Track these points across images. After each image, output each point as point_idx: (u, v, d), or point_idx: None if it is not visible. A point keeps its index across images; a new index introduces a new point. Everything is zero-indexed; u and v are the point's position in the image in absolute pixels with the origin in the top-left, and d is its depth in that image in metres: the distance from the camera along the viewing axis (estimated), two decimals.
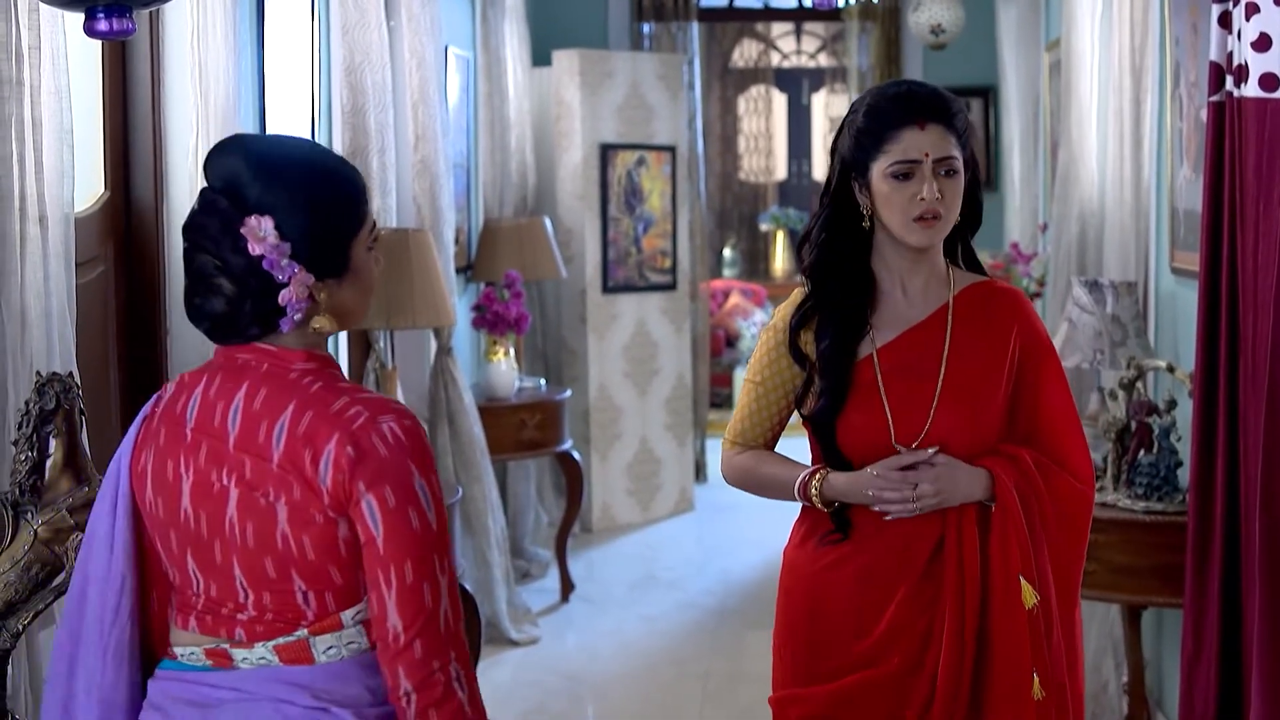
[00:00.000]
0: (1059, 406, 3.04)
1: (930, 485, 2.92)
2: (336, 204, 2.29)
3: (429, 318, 4.99)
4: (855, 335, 3.03)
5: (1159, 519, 4.52)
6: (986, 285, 3.10)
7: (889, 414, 2.98)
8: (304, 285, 2.24)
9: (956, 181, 2.97)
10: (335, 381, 2.27)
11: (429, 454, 2.22)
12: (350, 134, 5.35)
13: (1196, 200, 4.47)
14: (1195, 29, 4.66)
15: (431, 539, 2.19)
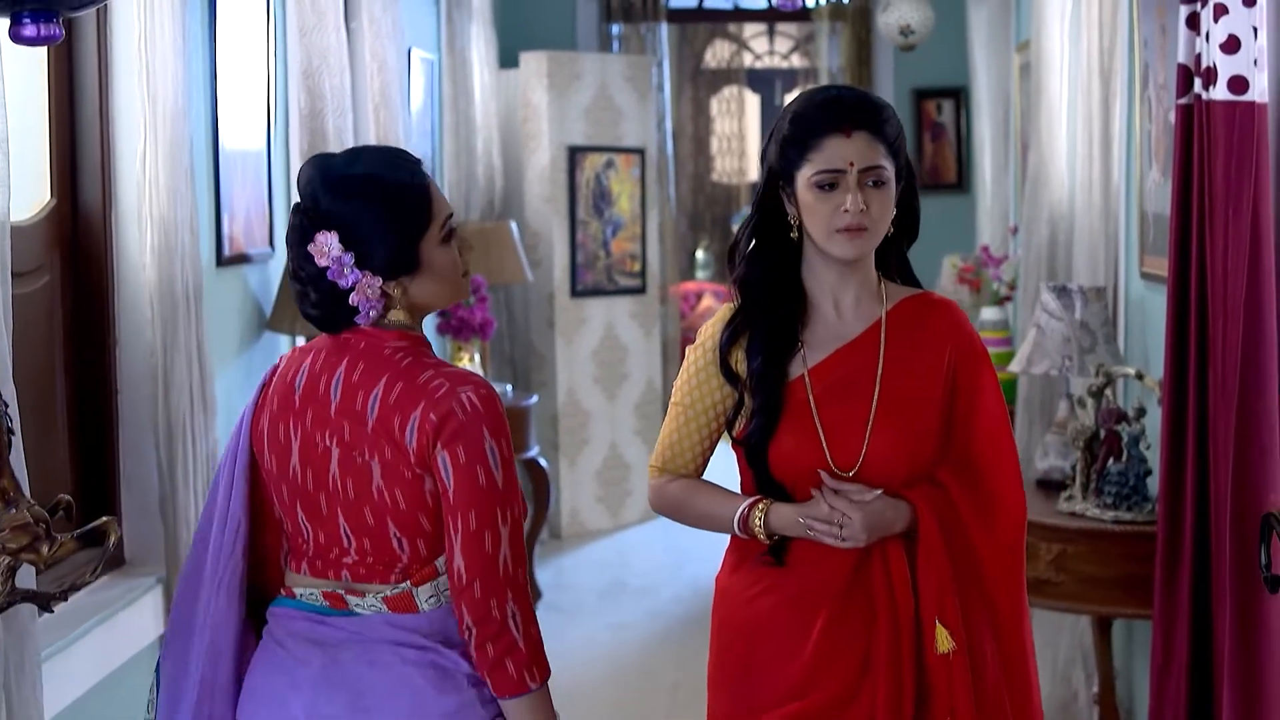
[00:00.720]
0: (991, 428, 2.91)
1: (861, 530, 2.80)
2: (398, 210, 2.56)
3: None
4: (786, 353, 2.90)
5: (1128, 529, 4.46)
6: (920, 299, 2.97)
7: (823, 437, 2.85)
8: (372, 288, 2.55)
9: (885, 192, 2.85)
10: (422, 358, 2.57)
11: (501, 419, 2.53)
12: (308, 138, 5.26)
13: (1166, 204, 4.39)
14: (1164, 30, 4.60)
15: (496, 494, 2.49)
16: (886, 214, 2.86)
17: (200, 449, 4.02)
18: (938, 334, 2.90)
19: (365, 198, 2.55)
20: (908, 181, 2.91)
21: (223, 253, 4.53)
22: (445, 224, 2.63)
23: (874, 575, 2.84)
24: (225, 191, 4.54)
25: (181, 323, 3.95)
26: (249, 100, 4.78)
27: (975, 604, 2.85)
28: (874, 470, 2.85)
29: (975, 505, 2.86)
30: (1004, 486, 2.90)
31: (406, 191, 2.59)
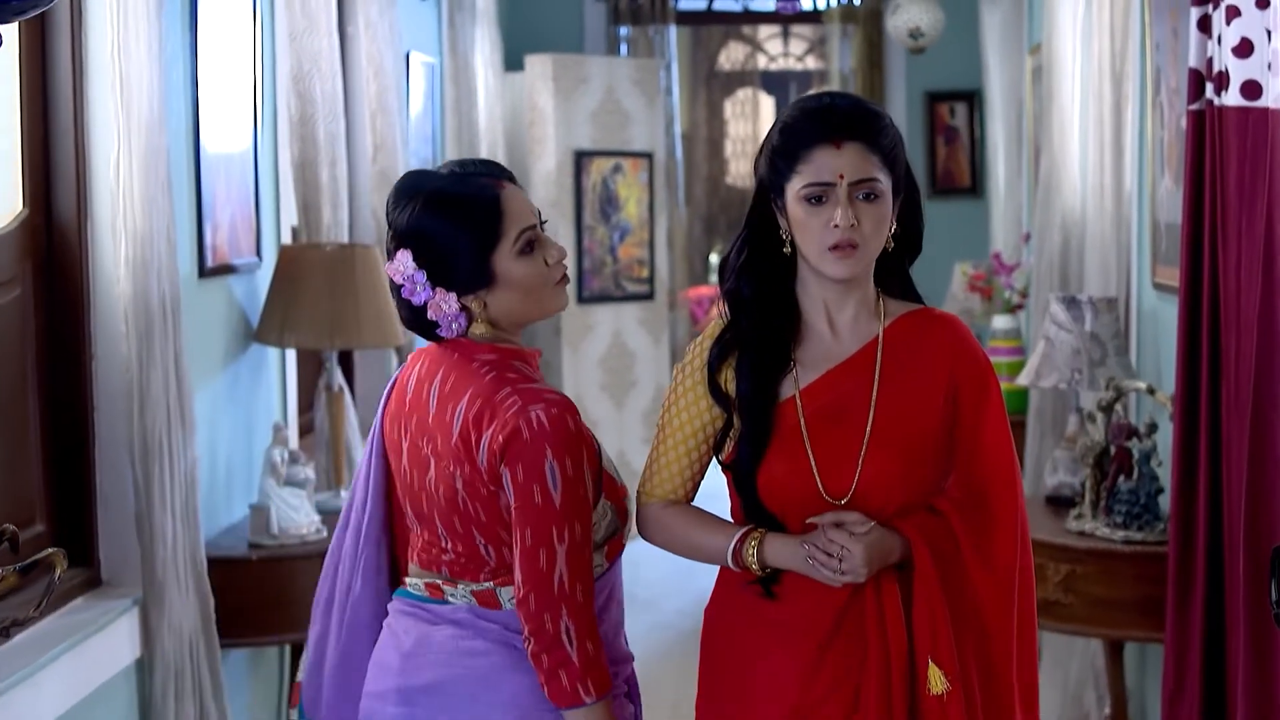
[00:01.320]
0: (995, 455, 2.74)
1: (862, 564, 2.63)
2: (464, 225, 2.57)
3: (375, 338, 4.78)
4: (777, 373, 2.74)
5: (1139, 549, 4.34)
6: (920, 315, 2.78)
7: (814, 464, 2.69)
8: (447, 304, 2.60)
9: (878, 206, 2.67)
10: (505, 373, 2.61)
11: (569, 438, 2.55)
12: (299, 145, 5.15)
13: (1178, 212, 4.37)
14: (1176, 33, 4.48)
15: (552, 513, 2.53)
16: (880, 229, 2.69)
17: (178, 467, 3.90)
18: (938, 353, 2.73)
19: (431, 213, 2.58)
20: (908, 194, 2.75)
21: (205, 263, 4.41)
22: (520, 236, 2.62)
23: (866, 610, 2.68)
24: (207, 201, 4.42)
25: (158, 337, 3.85)
26: (234, 107, 4.65)
27: (970, 643, 2.69)
28: (868, 498, 2.68)
29: (975, 537, 2.70)
30: (1006, 519, 2.73)
31: (474, 205, 2.59)
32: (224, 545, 4.40)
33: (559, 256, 2.68)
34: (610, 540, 2.73)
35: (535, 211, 2.69)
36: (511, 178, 2.67)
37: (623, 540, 2.77)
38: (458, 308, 2.61)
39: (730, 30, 15.52)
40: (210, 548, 4.31)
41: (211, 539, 4.43)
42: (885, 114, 2.73)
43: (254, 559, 4.31)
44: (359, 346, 4.84)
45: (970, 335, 2.80)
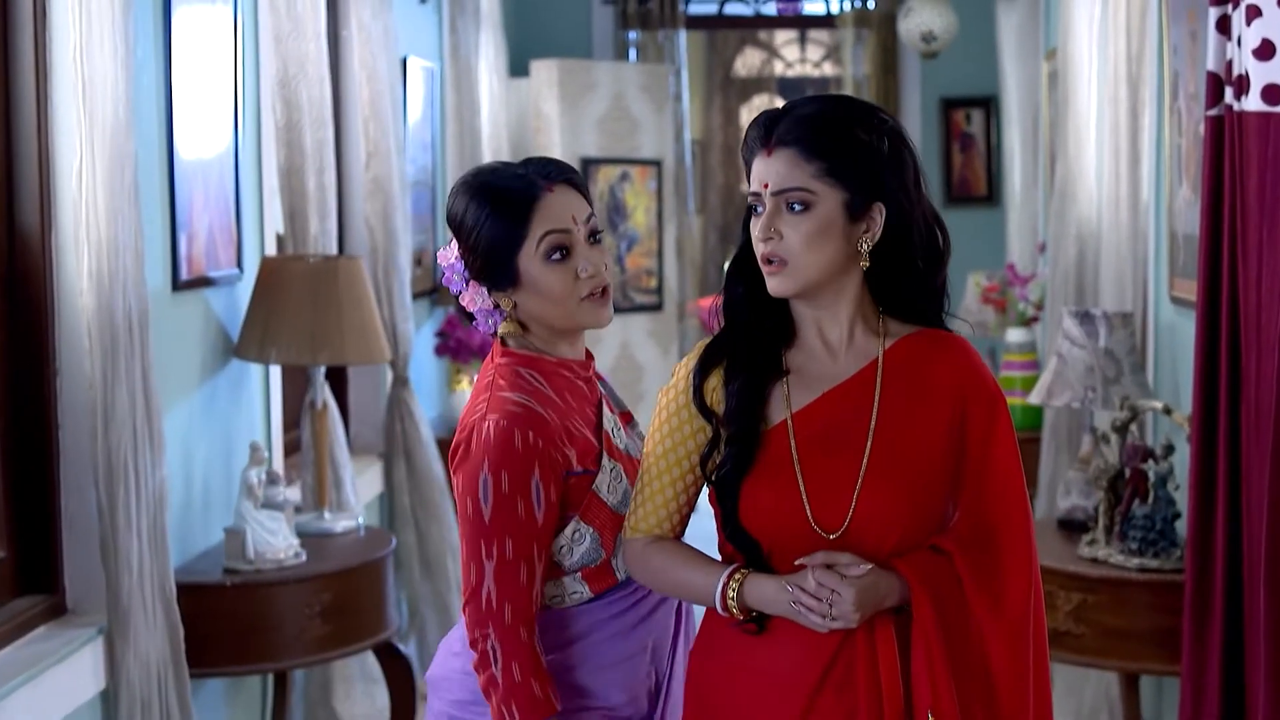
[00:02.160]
0: (1004, 491, 2.52)
1: (853, 609, 2.41)
2: (493, 218, 2.55)
3: (359, 353, 4.60)
4: (767, 379, 2.52)
5: (1154, 577, 4.18)
6: (925, 336, 2.56)
7: (805, 494, 2.47)
8: (479, 297, 2.61)
9: (807, 219, 2.44)
10: (499, 377, 2.59)
11: (509, 453, 2.50)
12: (285, 152, 4.98)
13: (1197, 223, 4.22)
14: (1194, 36, 4.33)
15: (481, 527, 2.50)
16: (814, 244, 2.44)
17: (145, 488, 3.73)
18: (944, 377, 2.51)
19: (467, 202, 2.58)
20: (896, 209, 2.49)
21: (179, 275, 4.23)
22: (545, 239, 2.58)
23: (858, 658, 2.47)
24: (182, 210, 4.25)
25: (123, 353, 3.68)
26: (212, 112, 4.48)
27: (975, 695, 2.47)
28: (863, 535, 2.46)
29: (982, 579, 2.47)
30: (1017, 560, 2.51)
31: (506, 199, 2.57)
32: (198, 570, 4.23)
33: (592, 271, 2.61)
34: (590, 569, 2.62)
35: (582, 220, 2.62)
36: (574, 182, 2.63)
37: (613, 573, 2.64)
38: (491, 304, 2.61)
39: (747, 36, 15.40)
40: (183, 573, 4.15)
41: (186, 564, 4.26)
42: (841, 121, 2.45)
43: (228, 585, 4.14)
44: (342, 362, 4.67)
45: (980, 360, 2.58)
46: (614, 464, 2.64)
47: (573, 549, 2.60)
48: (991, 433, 2.51)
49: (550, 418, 2.57)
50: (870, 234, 2.47)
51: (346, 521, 4.70)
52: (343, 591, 4.30)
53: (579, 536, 2.60)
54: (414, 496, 6.01)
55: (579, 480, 2.60)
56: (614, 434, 2.69)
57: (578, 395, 2.68)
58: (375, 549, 4.52)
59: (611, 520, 2.62)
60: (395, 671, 4.65)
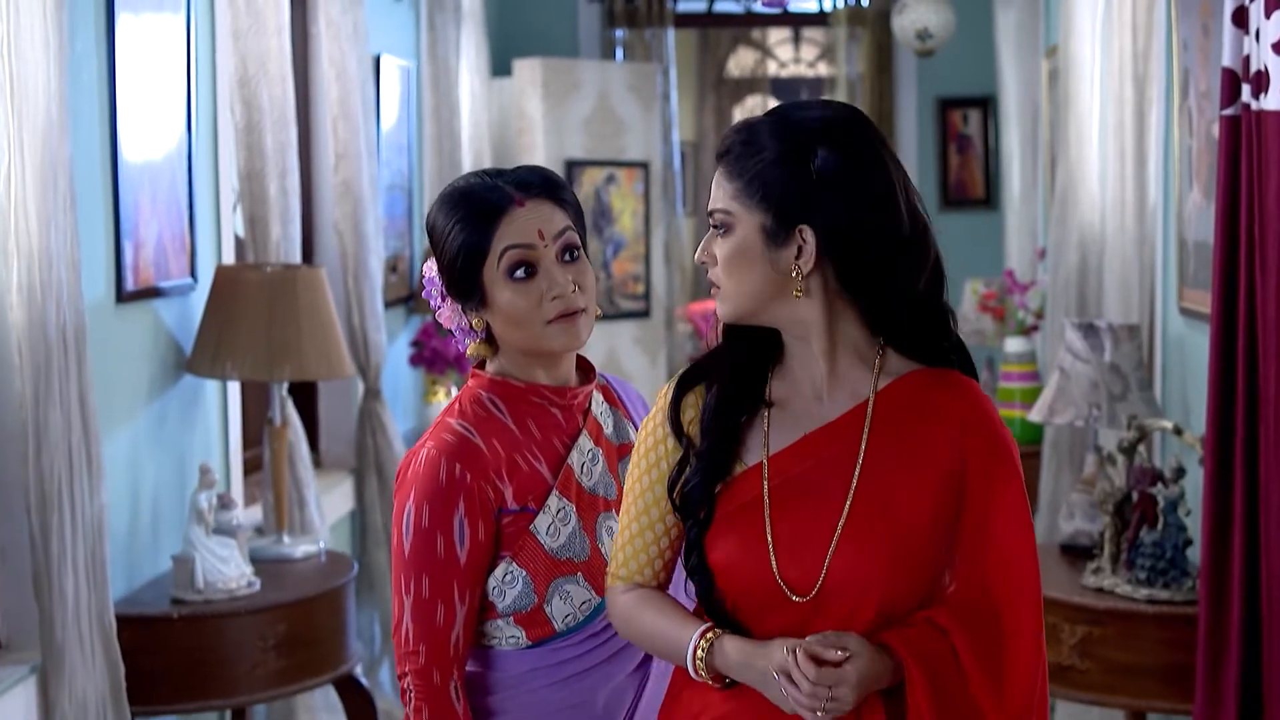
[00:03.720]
0: (1009, 558, 2.24)
1: (851, 689, 2.14)
2: (456, 232, 2.42)
3: (319, 368, 4.35)
4: (745, 411, 2.29)
5: (1164, 610, 3.96)
6: (926, 376, 2.28)
7: (771, 550, 2.22)
8: (454, 314, 2.49)
9: (725, 242, 2.22)
10: (459, 401, 2.49)
11: (434, 485, 2.38)
12: (245, 155, 4.73)
13: (1209, 230, 4.19)
14: (1206, 30, 4.14)
15: (401, 560, 2.40)
16: (731, 269, 2.22)
17: (82, 516, 3.49)
18: (942, 424, 2.24)
19: (437, 212, 2.47)
20: (839, 231, 2.19)
21: (124, 287, 3.98)
22: (504, 255, 2.42)
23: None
24: (127, 217, 3.99)
25: (57, 371, 3.44)
26: (163, 112, 4.22)
27: None
28: (836, 600, 2.20)
29: (983, 662, 2.20)
30: (1024, 639, 2.23)
31: (471, 210, 2.43)
32: (144, 601, 3.98)
33: (558, 291, 2.43)
34: (522, 614, 2.43)
35: (552, 235, 2.43)
36: (556, 196, 2.45)
37: (548, 621, 2.43)
38: (465, 322, 2.50)
39: (739, 35, 15.22)
40: (128, 604, 3.92)
41: (131, 594, 4.02)
42: (783, 134, 2.20)
43: (175, 617, 3.89)
44: (301, 377, 4.41)
45: (988, 405, 2.28)
46: (564, 505, 2.45)
47: (504, 591, 2.43)
48: (996, 495, 2.23)
49: (490, 450, 2.42)
50: (803, 260, 2.20)
51: (307, 546, 4.45)
52: (299, 622, 4.05)
53: (510, 579, 2.43)
54: (386, 514, 5.79)
55: (515, 519, 2.43)
56: (582, 470, 2.48)
57: (547, 425, 2.49)
58: (335, 576, 4.27)
59: (548, 565, 2.43)
60: (356, 706, 4.39)
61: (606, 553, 2.43)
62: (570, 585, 2.43)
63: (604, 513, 2.48)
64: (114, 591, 3.88)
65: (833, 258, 2.20)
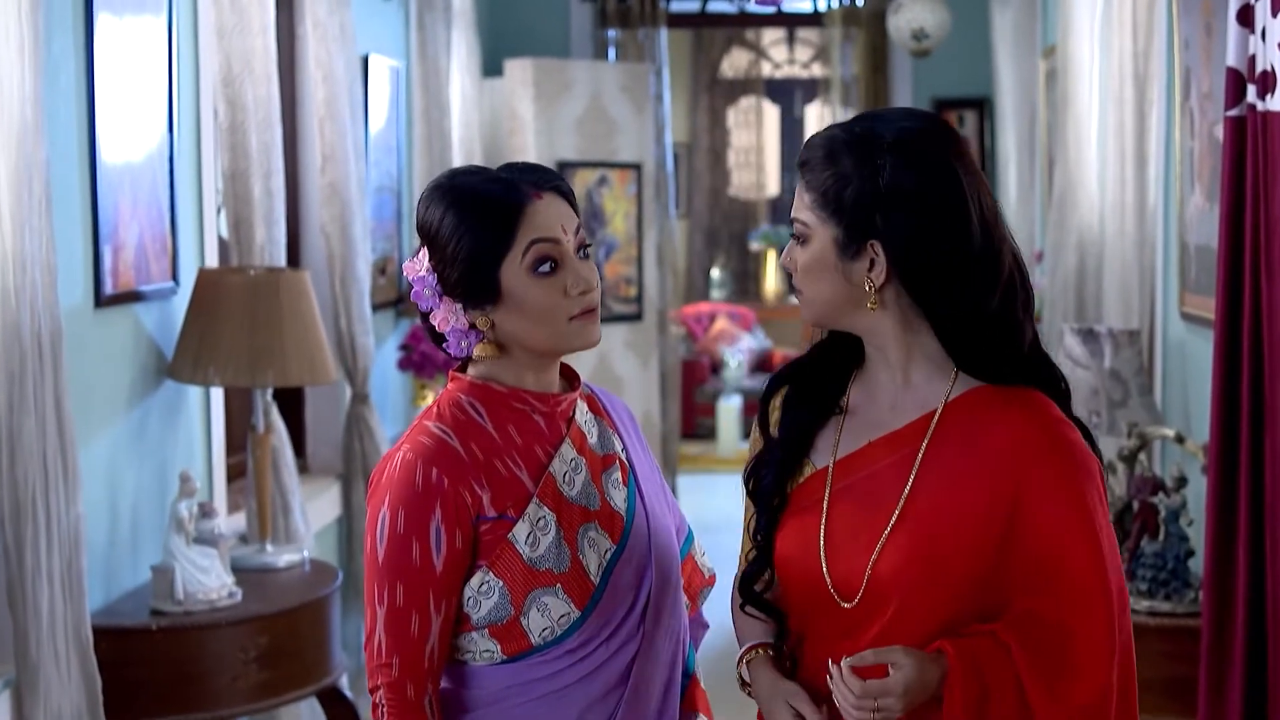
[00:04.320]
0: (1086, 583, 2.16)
1: (897, 699, 2.13)
2: (474, 224, 2.30)
3: (303, 374, 4.26)
4: (822, 415, 2.35)
5: (1166, 622, 3.93)
6: (994, 393, 2.24)
7: (823, 553, 2.25)
8: (454, 315, 2.33)
9: (803, 251, 2.28)
10: (437, 404, 2.38)
11: (409, 490, 2.29)
12: (229, 156, 4.65)
13: (1211, 233, 4.06)
14: (1209, 30, 4.07)
15: (375, 568, 2.30)
16: (807, 278, 2.28)
17: (58, 527, 3.41)
18: (1002, 444, 2.19)
19: (444, 208, 2.33)
20: (907, 248, 2.18)
21: (103, 291, 3.89)
22: (531, 248, 2.31)
23: None
24: (106, 220, 3.91)
25: (32, 378, 3.35)
26: (144, 113, 4.14)
27: None
28: (880, 608, 2.21)
29: (1045, 679, 2.14)
30: (1090, 664, 2.15)
31: (489, 205, 2.31)
32: (123, 612, 3.89)
33: (583, 287, 2.34)
34: (497, 627, 2.33)
35: (571, 230, 2.36)
36: (563, 191, 2.38)
37: (525, 635, 2.32)
38: (466, 323, 2.34)
39: (733, 36, 15.14)
40: (106, 615, 3.83)
41: (109, 605, 3.93)
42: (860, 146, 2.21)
43: (154, 629, 3.80)
44: (284, 383, 4.32)
45: (1057, 428, 2.20)
46: (544, 514, 2.34)
47: (479, 602, 2.33)
48: (1062, 518, 2.17)
49: (468, 454, 2.32)
50: (874, 274, 2.22)
51: (290, 555, 4.36)
52: (282, 634, 3.96)
53: (486, 589, 2.32)
54: None
55: (493, 526, 2.32)
56: (565, 480, 2.38)
57: (528, 430, 2.38)
58: (319, 585, 4.18)
59: (526, 575, 2.32)
60: (341, 719, 4.31)
61: (587, 565, 2.34)
62: (548, 597, 2.32)
63: (586, 524, 2.36)
64: (92, 602, 3.81)
65: (902, 273, 2.21)
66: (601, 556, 2.35)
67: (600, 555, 2.35)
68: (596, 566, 2.34)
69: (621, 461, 2.46)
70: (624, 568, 2.37)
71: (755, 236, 14.61)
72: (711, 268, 14.71)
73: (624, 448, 2.48)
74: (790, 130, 15.35)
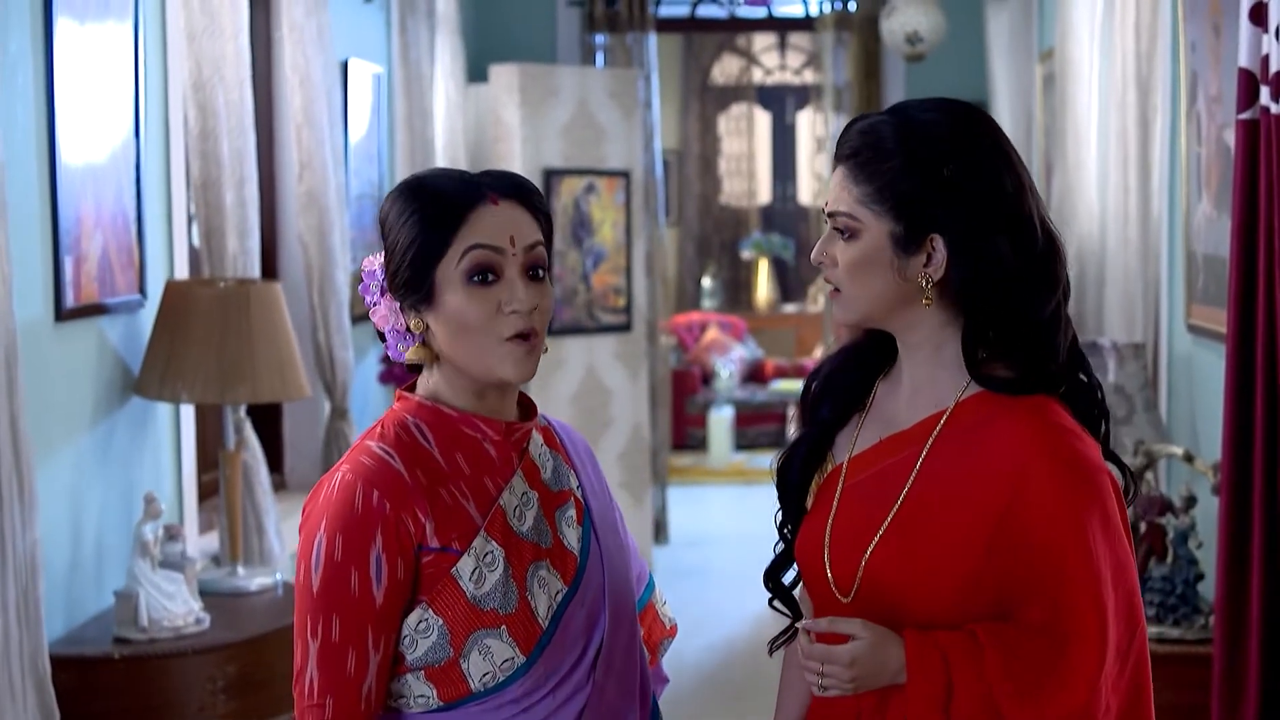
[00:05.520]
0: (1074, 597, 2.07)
1: (843, 668, 2.12)
2: (413, 221, 2.13)
3: (275, 389, 4.09)
4: (847, 411, 2.33)
5: (1175, 649, 3.79)
6: (996, 399, 2.17)
7: (826, 545, 2.23)
8: (391, 312, 2.17)
9: (850, 247, 2.20)
10: (376, 426, 2.22)
11: (348, 514, 2.10)
12: (200, 163, 4.48)
13: (1218, 242, 3.88)
14: (1217, 31, 3.91)
15: (308, 599, 2.10)
16: (856, 275, 2.19)
17: (13, 553, 3.24)
18: (1001, 451, 2.12)
19: (395, 199, 2.17)
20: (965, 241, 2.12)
21: (63, 304, 3.73)
22: (467, 255, 2.12)
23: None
24: (68, 229, 3.74)
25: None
26: (108, 118, 3.97)
27: None
28: (875, 604, 2.18)
29: (1016, 684, 2.06)
30: (1072, 678, 2.06)
31: (437, 199, 2.14)
32: (85, 640, 3.72)
33: (518, 306, 2.14)
34: (434, 669, 2.13)
35: (523, 244, 2.15)
36: (532, 205, 2.18)
37: (464, 680, 2.13)
38: (403, 324, 2.17)
39: (724, 42, 15.00)
40: (66, 644, 3.66)
41: (71, 633, 3.76)
42: (915, 136, 2.14)
43: (116, 657, 3.63)
44: (254, 400, 4.15)
45: (1060, 438, 2.11)
46: (492, 549, 2.15)
47: (416, 641, 2.12)
48: (1060, 531, 2.08)
49: (412, 478, 2.13)
50: (931, 269, 2.16)
51: (262, 578, 4.20)
52: (251, 662, 3.79)
53: (424, 627, 2.12)
54: None
55: (435, 559, 2.13)
56: (515, 514, 2.19)
57: (477, 460, 2.20)
58: (291, 611, 3.99)
59: (469, 614, 2.13)
60: None
61: (535, 606, 2.15)
62: (491, 640, 2.12)
63: (536, 562, 2.18)
64: (53, 630, 3.65)
65: (960, 268, 2.14)
66: (552, 598, 2.16)
67: (551, 596, 2.16)
68: (546, 608, 2.15)
69: (577, 499, 2.29)
70: (576, 611, 2.18)
71: (747, 245, 14.46)
72: (702, 277, 14.56)
73: (580, 485, 2.31)
74: (782, 137, 15.22)
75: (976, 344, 2.18)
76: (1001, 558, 2.09)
